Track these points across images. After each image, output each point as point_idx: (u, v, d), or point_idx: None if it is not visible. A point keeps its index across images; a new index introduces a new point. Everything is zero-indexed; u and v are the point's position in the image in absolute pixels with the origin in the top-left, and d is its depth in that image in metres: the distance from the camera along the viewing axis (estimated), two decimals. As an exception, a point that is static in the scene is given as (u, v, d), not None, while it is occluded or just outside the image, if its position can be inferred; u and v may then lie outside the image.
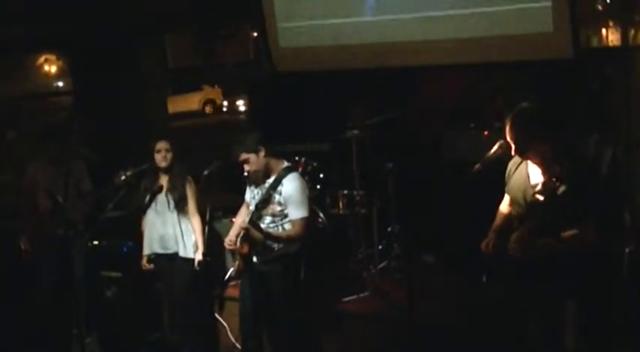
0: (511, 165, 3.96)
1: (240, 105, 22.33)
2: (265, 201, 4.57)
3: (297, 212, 4.56)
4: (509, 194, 3.96)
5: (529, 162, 3.82)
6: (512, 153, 3.79)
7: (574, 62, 5.73)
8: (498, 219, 4.05)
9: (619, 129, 5.70)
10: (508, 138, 3.74)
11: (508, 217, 3.98)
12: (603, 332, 4.03)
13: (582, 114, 5.92)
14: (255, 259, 4.66)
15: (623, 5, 5.87)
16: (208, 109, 24.84)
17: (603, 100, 6.02)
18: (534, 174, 3.77)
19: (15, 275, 6.10)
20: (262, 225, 4.58)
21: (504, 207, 4.05)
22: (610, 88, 5.98)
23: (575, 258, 3.62)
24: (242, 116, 21.32)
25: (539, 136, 3.68)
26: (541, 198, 3.57)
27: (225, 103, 23.65)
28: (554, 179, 3.48)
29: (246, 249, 4.58)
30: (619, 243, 4.71)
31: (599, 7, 6.46)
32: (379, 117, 5.91)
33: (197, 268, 5.14)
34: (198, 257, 5.16)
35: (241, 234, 4.58)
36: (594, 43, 6.45)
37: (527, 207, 3.72)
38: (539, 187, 3.60)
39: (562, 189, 3.51)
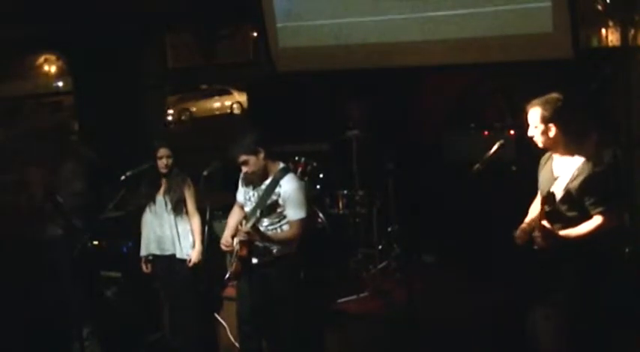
0: (542, 161, 3.96)
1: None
2: (272, 207, 4.50)
3: (295, 213, 4.51)
4: (540, 189, 3.95)
5: (554, 156, 3.83)
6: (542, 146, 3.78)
7: (574, 62, 5.73)
8: (530, 214, 4.03)
9: (619, 129, 5.71)
10: (533, 131, 3.72)
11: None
12: (603, 331, 4.03)
13: (582, 114, 5.92)
14: (254, 261, 4.64)
15: (623, 5, 5.88)
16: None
17: (603, 100, 6.02)
18: (557, 166, 3.77)
19: (14, 275, 6.09)
20: (261, 228, 4.55)
21: (536, 203, 4.04)
22: (610, 88, 5.98)
23: (576, 258, 3.63)
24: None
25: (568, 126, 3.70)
26: (558, 190, 3.60)
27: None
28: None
29: (244, 252, 4.55)
30: (619, 242, 4.71)
31: (599, 7, 6.48)
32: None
33: (190, 264, 5.12)
34: (194, 255, 5.14)
35: (240, 237, 4.54)
36: (594, 43, 6.47)
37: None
38: (559, 179, 3.62)
39: (580, 178, 3.60)
